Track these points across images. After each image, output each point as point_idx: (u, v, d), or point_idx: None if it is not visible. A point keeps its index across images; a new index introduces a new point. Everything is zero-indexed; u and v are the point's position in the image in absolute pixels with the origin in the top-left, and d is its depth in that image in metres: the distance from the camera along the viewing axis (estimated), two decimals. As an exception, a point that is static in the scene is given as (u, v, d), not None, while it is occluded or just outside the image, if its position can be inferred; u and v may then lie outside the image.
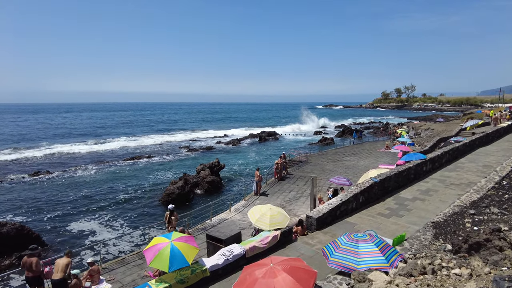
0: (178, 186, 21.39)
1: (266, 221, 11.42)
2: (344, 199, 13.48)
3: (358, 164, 27.67)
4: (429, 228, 8.72)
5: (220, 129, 75.83)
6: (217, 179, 24.76)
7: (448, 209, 10.15)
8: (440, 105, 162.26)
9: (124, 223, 18.11)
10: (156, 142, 53.83)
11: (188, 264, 8.92)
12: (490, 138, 26.28)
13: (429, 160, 18.69)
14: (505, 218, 8.35)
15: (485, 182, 12.73)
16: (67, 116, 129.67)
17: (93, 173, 30.29)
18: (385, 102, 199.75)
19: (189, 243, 9.52)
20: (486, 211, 9.30)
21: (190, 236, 10.04)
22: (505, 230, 6.52)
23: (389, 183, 15.61)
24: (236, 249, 10.33)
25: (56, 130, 73.94)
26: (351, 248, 7.15)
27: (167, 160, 37.51)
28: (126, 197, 22.67)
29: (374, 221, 12.79)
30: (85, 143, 51.48)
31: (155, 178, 28.40)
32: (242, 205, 17.84)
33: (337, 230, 12.23)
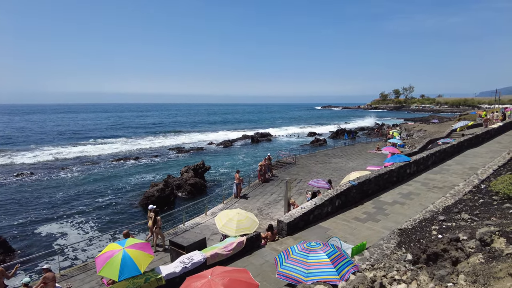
0: (158, 189, 20.88)
1: (233, 226, 10.92)
2: (318, 203, 12.96)
3: (346, 166, 27.17)
4: (394, 235, 8.21)
5: (214, 130, 75.40)
6: (201, 181, 24.22)
7: (419, 214, 9.64)
8: (438, 106, 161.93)
9: (97, 227, 17.58)
10: (147, 143, 53.27)
11: (140, 272, 8.43)
12: (480, 140, 25.76)
13: (414, 163, 18.17)
14: (474, 225, 7.84)
15: (463, 186, 12.21)
16: (61, 117, 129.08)
17: (75, 175, 29.74)
18: (383, 103, 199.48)
19: (143, 250, 9.03)
20: (456, 217, 8.79)
21: (146, 243, 9.52)
22: (463, 240, 6.00)
23: (368, 186, 15.09)
24: (197, 256, 9.82)
25: (47, 131, 73.37)
26: (301, 258, 6.63)
27: (155, 162, 36.95)
28: (105, 200, 22.15)
29: (349, 226, 12.28)
30: (74, 145, 50.87)
31: (138, 180, 27.87)
32: (219, 208, 17.28)
33: (308, 235, 11.72)
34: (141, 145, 51.15)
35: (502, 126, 30.02)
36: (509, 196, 9.52)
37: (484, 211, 9.12)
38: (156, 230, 12.78)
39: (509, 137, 27.47)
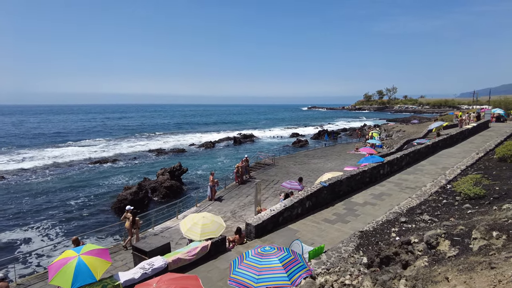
0: (132, 192, 20.42)
1: (197, 230, 10.66)
2: (288, 205, 12.83)
3: (324, 166, 27.23)
4: (354, 238, 8.13)
5: (198, 131, 74.75)
6: (177, 183, 23.81)
7: (383, 216, 9.61)
8: (421, 107, 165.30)
9: (65, 232, 17.03)
10: (127, 145, 52.43)
11: (96, 279, 8.10)
12: (454, 140, 26.23)
13: (387, 163, 18.29)
14: (433, 226, 7.81)
15: (430, 186, 12.31)
16: (45, 119, 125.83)
17: (48, 179, 28.84)
18: (367, 104, 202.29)
19: (100, 257, 8.68)
20: (417, 218, 8.78)
21: (104, 249, 9.17)
22: (414, 243, 5.93)
23: (340, 187, 15.07)
24: (158, 262, 9.52)
25: (25, 133, 71.24)
26: (253, 264, 6.44)
27: (133, 164, 36.24)
28: (76, 204, 21.52)
29: (318, 228, 12.20)
30: (50, 147, 49.56)
31: (113, 183, 27.23)
32: (192, 211, 16.99)
33: (276, 238, 11.58)
34: (122, 147, 50.29)
35: (476, 127, 30.69)
36: (469, 197, 9.60)
37: (445, 211, 9.16)
38: (135, 231, 13.04)
39: (482, 137, 28.06)
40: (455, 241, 5.19)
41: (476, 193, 9.50)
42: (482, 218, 7.57)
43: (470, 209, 8.90)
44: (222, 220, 11.68)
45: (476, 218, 7.85)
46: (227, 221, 15.70)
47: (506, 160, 15.14)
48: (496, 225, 4.83)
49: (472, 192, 9.54)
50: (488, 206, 8.89)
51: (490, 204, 8.99)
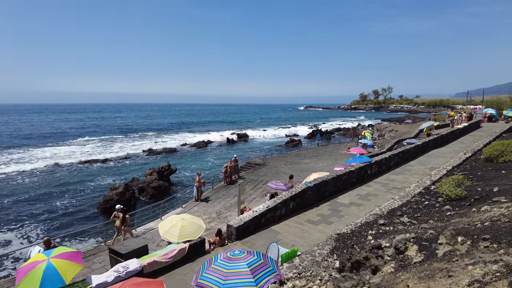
0: (118, 192, 20.12)
1: (175, 233, 10.42)
2: (271, 206, 12.64)
3: (314, 166, 27.08)
4: (330, 241, 7.94)
5: (192, 131, 74.35)
6: (165, 184, 23.52)
7: (362, 218, 9.43)
8: (416, 106, 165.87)
9: (46, 234, 16.64)
10: (119, 144, 51.96)
11: (65, 283, 7.83)
12: (445, 140, 26.17)
13: (375, 163, 18.15)
14: (411, 228, 7.64)
15: (414, 187, 12.15)
16: (40, 118, 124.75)
17: (35, 179, 28.38)
18: (362, 103, 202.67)
19: (71, 260, 8.41)
20: (396, 220, 8.60)
21: (76, 252, 8.91)
22: (385, 247, 5.75)
23: (325, 187, 14.89)
24: (133, 264, 9.27)
25: (21, 132, 70.64)
26: (220, 268, 6.22)
27: (123, 164, 35.87)
28: (62, 204, 21.20)
29: (300, 229, 12.01)
30: (40, 147, 48.98)
31: (101, 184, 26.87)
32: (177, 212, 16.73)
33: (257, 240, 11.38)
34: (113, 147, 49.82)
35: (467, 127, 30.67)
36: (451, 198, 9.44)
37: (425, 213, 9.00)
38: (126, 228, 13.25)
39: (473, 137, 28.02)
40: (423, 246, 5.00)
41: (457, 194, 9.35)
42: (459, 221, 7.42)
43: (450, 211, 8.74)
44: (203, 222, 11.45)
45: (454, 220, 7.69)
46: (212, 222, 15.50)
47: (492, 160, 15.04)
48: (463, 229, 4.65)
49: (453, 193, 9.38)
50: (468, 207, 8.74)
51: (470, 206, 8.84)
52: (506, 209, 6.80)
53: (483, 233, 4.28)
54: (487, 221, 5.27)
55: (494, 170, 13.48)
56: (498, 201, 8.56)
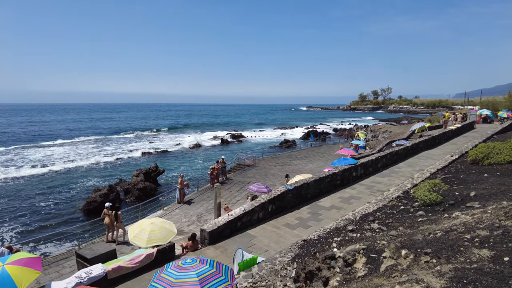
0: (101, 194, 19.81)
1: (144, 237, 10.11)
2: (248, 209, 12.33)
3: (304, 168, 26.76)
4: (295, 247, 7.63)
5: (187, 131, 73.92)
6: (151, 185, 23.15)
7: (333, 223, 9.12)
8: (415, 107, 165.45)
9: (23, 236, 16.26)
10: (113, 145, 51.60)
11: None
12: (437, 141, 25.84)
13: (361, 165, 17.84)
14: (378, 236, 7.33)
15: (393, 191, 11.84)
16: (36, 117, 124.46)
17: (21, 181, 27.73)
18: (362, 104, 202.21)
19: (28, 266, 8.09)
20: (366, 227, 8.29)
21: (35, 258, 8.58)
22: (339, 258, 5.44)
23: (307, 190, 14.57)
24: (97, 270, 8.97)
25: (14, 132, 70.29)
26: (168, 278, 5.90)
27: (113, 165, 35.48)
28: (47, 205, 20.86)
29: (277, 233, 11.71)
30: (33, 144, 48.76)
31: (89, 185, 26.40)
32: (158, 215, 16.44)
33: (231, 244, 11.06)
34: (107, 147, 49.38)
35: (460, 128, 30.34)
36: (425, 203, 9.14)
37: (398, 219, 8.69)
38: (118, 225, 13.80)
39: (466, 139, 27.69)
40: (371, 259, 4.70)
41: (432, 199, 9.05)
42: (428, 228, 7.13)
43: (422, 216, 8.44)
44: (174, 226, 11.14)
45: (423, 227, 7.40)
46: (191, 226, 15.21)
47: (477, 163, 14.76)
48: (409, 242, 4.35)
49: (428, 198, 9.08)
50: (442, 213, 8.45)
51: (444, 211, 8.55)
52: (471, 216, 6.51)
53: (427, 247, 3.98)
54: (441, 231, 4.97)
55: (477, 173, 13.19)
56: (471, 206, 8.27)
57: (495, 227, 4.63)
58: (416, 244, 4.20)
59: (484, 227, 4.54)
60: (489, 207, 7.29)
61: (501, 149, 14.41)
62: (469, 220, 6.16)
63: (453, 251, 3.59)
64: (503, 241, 3.58)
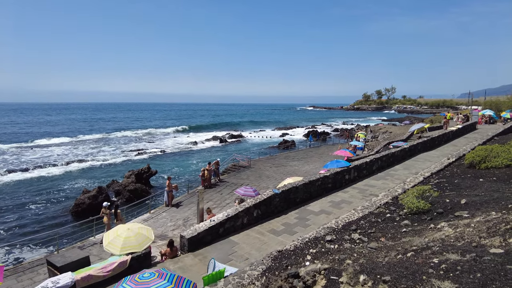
0: (90, 196, 19.42)
1: (118, 244, 9.67)
2: (231, 214, 11.84)
3: (300, 169, 26.25)
4: (267, 259, 7.13)
5: (189, 131, 73.58)
6: (143, 187, 22.70)
7: (313, 232, 8.61)
8: (419, 107, 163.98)
9: (5, 240, 15.88)
10: (110, 145, 51.36)
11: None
12: (436, 143, 25.18)
13: (354, 168, 17.27)
14: (357, 248, 6.82)
15: (382, 197, 11.28)
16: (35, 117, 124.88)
17: (7, 179, 27.53)
18: (365, 103, 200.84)
19: (-12, 277, 7.76)
20: (346, 237, 7.77)
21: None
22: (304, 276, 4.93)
23: (295, 194, 14.05)
24: (65, 279, 8.55)
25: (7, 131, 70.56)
26: (121, 295, 5.48)
27: (107, 165, 35.06)
28: (34, 207, 20.51)
29: (260, 240, 11.22)
30: (31, 144, 48.71)
31: (80, 186, 25.92)
32: (144, 219, 16.01)
33: (211, 252, 10.58)
34: (105, 147, 49.05)
35: (461, 129, 29.63)
36: (412, 211, 8.60)
37: (381, 229, 8.17)
38: (118, 223, 13.34)
39: (466, 140, 27.00)
40: (331, 282, 4.19)
41: (419, 207, 8.51)
42: (410, 240, 6.61)
43: (407, 226, 7.92)
44: (152, 232, 10.69)
45: (405, 239, 6.88)
46: (176, 230, 14.75)
47: (474, 166, 14.15)
48: (370, 265, 3.84)
49: (415, 206, 8.55)
50: (429, 222, 7.92)
51: (431, 221, 8.02)
52: (454, 229, 5.98)
53: (388, 273, 3.48)
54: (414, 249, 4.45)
55: (472, 177, 12.59)
56: (459, 215, 7.74)
57: (471, 247, 4.11)
58: (377, 269, 3.69)
59: (459, 248, 4.02)
60: (476, 218, 6.75)
61: (499, 152, 13.80)
62: (450, 235, 5.64)
63: (413, 281, 3.09)
64: (471, 270, 3.07)
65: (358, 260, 4.74)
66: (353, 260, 4.85)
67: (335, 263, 4.86)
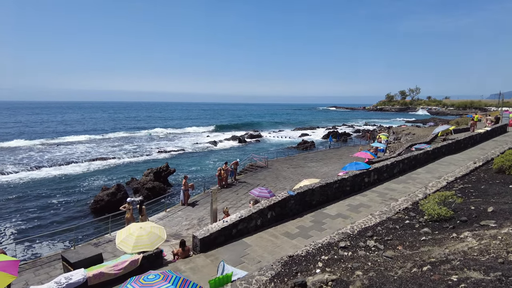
0: (109, 193, 19.76)
1: (130, 242, 9.68)
2: (245, 216, 11.64)
3: (318, 170, 25.77)
4: (277, 265, 6.88)
5: (209, 131, 74.08)
6: (161, 185, 22.95)
7: (327, 237, 8.28)
8: (445, 108, 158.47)
9: (22, 233, 16.35)
10: (132, 143, 52.52)
11: (-10, 294, 7.32)
12: (462, 145, 24.06)
13: (374, 171, 16.71)
14: (372, 256, 6.47)
15: (401, 202, 10.78)
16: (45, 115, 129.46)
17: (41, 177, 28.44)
18: (389, 104, 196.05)
19: (3, 271, 7.87)
20: (361, 244, 7.41)
21: (12, 262, 8.33)
22: (312, 286, 4.67)
23: (312, 196, 13.70)
24: (77, 275, 8.61)
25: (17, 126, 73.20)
26: (124, 297, 5.39)
27: (127, 163, 35.74)
28: (56, 203, 21.10)
29: (273, 243, 10.96)
30: (56, 141, 50.47)
31: (101, 183, 26.50)
32: (159, 217, 16.10)
33: (223, 253, 10.43)
34: (127, 145, 50.14)
35: (490, 131, 28.24)
36: (433, 218, 8.12)
37: (399, 236, 7.74)
38: (142, 218, 13.76)
39: (495, 143, 25.65)
40: (339, 293, 3.91)
41: (440, 214, 8.02)
42: (429, 250, 6.21)
43: (427, 234, 7.46)
44: (164, 232, 10.65)
45: (424, 248, 6.47)
46: (190, 229, 14.72)
47: (504, 171, 13.34)
48: (380, 279, 3.53)
49: (436, 213, 8.06)
50: (450, 231, 7.44)
51: (453, 229, 7.52)
52: (478, 241, 5.53)
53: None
54: (432, 262, 4.09)
55: (501, 184, 11.85)
56: (486, 225, 7.22)
57: (497, 263, 3.72)
58: (387, 284, 3.39)
59: (483, 263, 3.64)
60: (504, 229, 6.25)
61: (531, 157, 12.96)
62: (473, 247, 5.20)
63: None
64: (494, 292, 2.73)
65: (368, 272, 4.41)
66: (364, 272, 4.53)
67: (347, 271, 4.56)
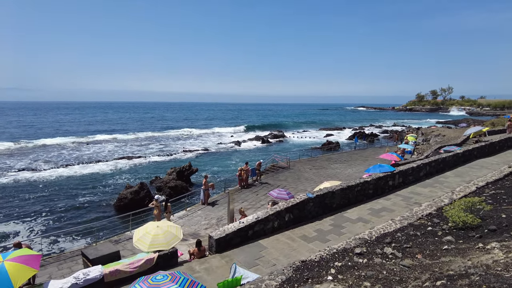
0: (132, 191, 20.24)
1: (147, 241, 9.80)
2: (261, 217, 11.51)
3: (342, 172, 25.19)
4: (289, 270, 6.69)
5: (232, 131, 74.51)
6: (183, 184, 23.26)
7: (343, 242, 7.98)
8: (479, 108, 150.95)
9: (49, 228, 17.08)
10: (160, 142, 53.79)
11: (13, 287, 7.61)
12: (497, 148, 22.71)
13: (399, 173, 16.07)
14: (388, 264, 6.16)
15: (425, 207, 10.23)
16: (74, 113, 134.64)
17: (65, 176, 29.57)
18: (419, 104, 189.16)
19: (26, 264, 8.17)
20: (378, 251, 7.06)
21: (35, 256, 8.64)
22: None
23: (332, 199, 13.34)
24: (94, 272, 8.82)
25: (52, 125, 76.50)
26: (132, 298, 5.41)
27: (152, 162, 36.54)
28: (82, 200, 21.88)
29: (289, 246, 10.76)
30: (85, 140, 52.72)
31: (121, 181, 27.13)
32: (179, 216, 16.29)
33: (239, 254, 10.35)
34: (152, 145, 51.44)
35: (529, 134, 26.43)
36: (458, 226, 7.62)
37: (419, 244, 7.33)
38: (167, 215, 14.61)
39: (535, 146, 23.99)
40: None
41: (466, 222, 7.52)
42: (450, 261, 5.84)
43: (450, 243, 7.01)
44: (181, 231, 10.70)
45: (445, 258, 6.09)
46: (209, 229, 14.77)
47: (542, 177, 12.39)
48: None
49: (461, 220, 7.56)
50: (477, 241, 6.94)
51: (480, 239, 7.02)
52: (505, 253, 5.11)
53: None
54: (450, 275, 3.78)
55: (538, 190, 11.02)
56: (516, 235, 6.68)
57: (521, 280, 3.36)
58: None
59: (506, 281, 3.29)
60: (536, 240, 5.75)
61: None
62: (499, 260, 4.80)
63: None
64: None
65: (376, 283, 4.14)
66: (372, 283, 4.26)
67: (359, 280, 4.32)
